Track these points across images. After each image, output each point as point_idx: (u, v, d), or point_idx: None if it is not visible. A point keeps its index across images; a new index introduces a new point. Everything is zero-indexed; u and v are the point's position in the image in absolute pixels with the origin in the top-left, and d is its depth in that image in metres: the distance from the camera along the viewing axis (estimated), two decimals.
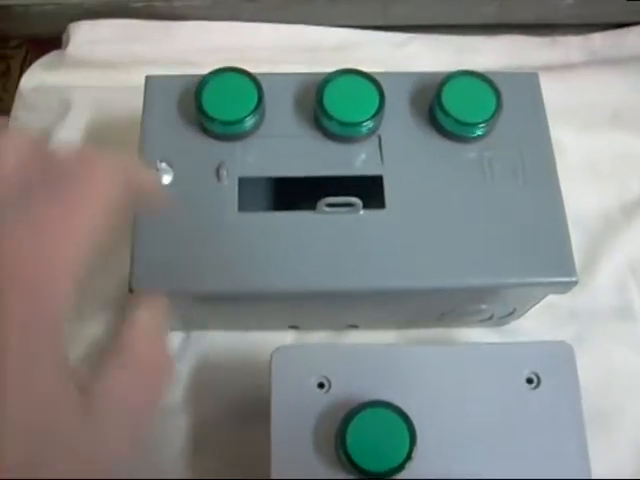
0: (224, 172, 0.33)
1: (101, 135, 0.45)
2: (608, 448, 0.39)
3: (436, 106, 0.34)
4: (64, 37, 0.49)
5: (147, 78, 0.36)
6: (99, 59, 0.47)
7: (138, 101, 0.35)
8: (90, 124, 0.46)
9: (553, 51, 0.50)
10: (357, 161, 0.34)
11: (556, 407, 0.33)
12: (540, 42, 0.50)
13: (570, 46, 0.50)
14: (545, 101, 0.37)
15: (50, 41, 0.49)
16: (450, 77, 0.34)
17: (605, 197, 0.45)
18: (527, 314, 0.40)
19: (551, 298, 0.41)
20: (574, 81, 0.48)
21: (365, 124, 0.33)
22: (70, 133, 0.45)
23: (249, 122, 0.33)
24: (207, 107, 0.33)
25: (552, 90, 0.46)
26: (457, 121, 0.33)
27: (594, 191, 0.45)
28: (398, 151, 0.34)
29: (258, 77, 0.34)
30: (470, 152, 0.34)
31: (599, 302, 0.42)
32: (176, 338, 0.40)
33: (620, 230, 0.44)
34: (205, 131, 0.34)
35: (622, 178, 0.46)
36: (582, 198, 0.45)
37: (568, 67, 0.48)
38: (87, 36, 0.48)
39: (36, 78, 0.47)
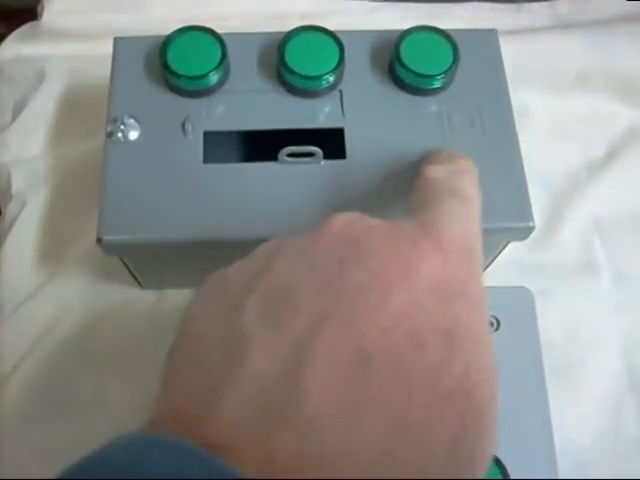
0: (189, 126, 0.34)
1: (75, 103, 0.46)
2: (573, 399, 0.40)
3: (395, 60, 0.35)
4: (39, 8, 0.50)
5: (115, 39, 0.37)
6: (73, 29, 0.48)
7: None
8: (65, 93, 0.47)
9: (519, 17, 0.51)
10: (319, 115, 0.35)
11: (516, 350, 0.34)
12: (506, 8, 0.51)
13: (535, 12, 0.51)
14: (511, 65, 0.38)
15: (25, 12, 0.50)
16: (408, 32, 0.35)
17: (570, 157, 0.46)
18: (493, 270, 0.41)
19: (516, 254, 0.42)
20: (539, 45, 0.49)
21: (326, 77, 0.34)
22: (45, 102, 0.46)
23: (213, 77, 0.34)
24: (172, 64, 0.34)
25: (517, 54, 0.48)
26: (415, 74, 0.34)
27: (559, 151, 0.46)
28: (359, 105, 0.35)
29: (222, 36, 0.35)
30: (429, 105, 0.35)
31: (564, 257, 0.43)
32: (150, 297, 0.41)
33: (584, 188, 0.45)
34: (171, 88, 0.35)
35: (586, 139, 0.47)
36: (547, 158, 0.46)
37: (533, 31, 0.50)
38: (61, 6, 0.49)
39: (12, 49, 0.48)
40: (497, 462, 0.31)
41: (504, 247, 0.37)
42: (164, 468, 0.16)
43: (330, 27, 0.36)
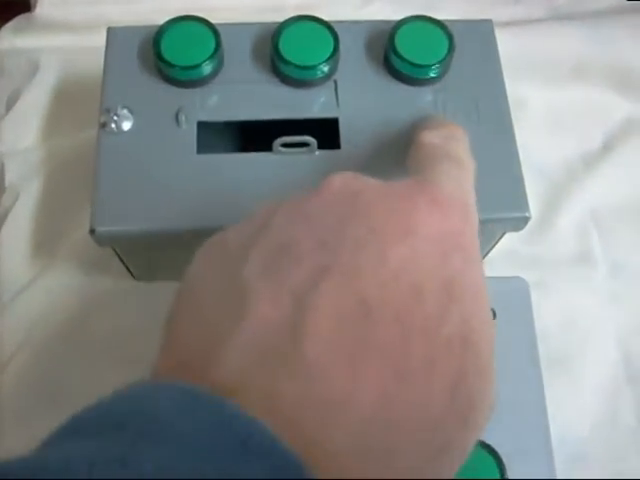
0: (183, 117, 0.34)
1: (69, 95, 0.46)
2: (570, 390, 0.40)
3: (390, 50, 0.35)
4: (32, 0, 0.49)
5: (109, 29, 0.36)
6: (67, 21, 0.48)
7: None
8: (58, 84, 0.46)
9: (516, 9, 0.51)
10: (314, 105, 0.35)
11: (511, 340, 0.34)
12: (503, 0, 0.51)
13: (532, 4, 0.51)
14: (508, 56, 0.38)
15: (19, 4, 0.49)
16: (403, 22, 0.35)
17: (567, 148, 0.46)
18: (489, 261, 0.41)
19: (513, 245, 0.42)
20: (536, 36, 0.49)
21: (320, 67, 0.34)
22: (39, 94, 0.46)
23: (207, 68, 0.34)
24: (165, 54, 0.34)
25: (514, 45, 0.48)
26: (410, 63, 0.34)
27: (556, 142, 0.46)
28: (353, 95, 0.35)
29: (216, 26, 0.35)
30: (425, 95, 0.35)
31: (560, 248, 0.43)
32: (143, 288, 0.41)
33: (581, 179, 0.45)
34: (165, 78, 0.35)
35: (583, 130, 0.47)
36: (544, 149, 0.46)
37: (530, 23, 0.49)
38: None
39: (6, 41, 0.48)
40: (493, 453, 0.31)
41: (500, 237, 0.37)
42: (172, 408, 0.17)
43: (324, 18, 0.36)
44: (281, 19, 0.36)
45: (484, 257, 0.40)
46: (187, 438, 0.16)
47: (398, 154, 0.33)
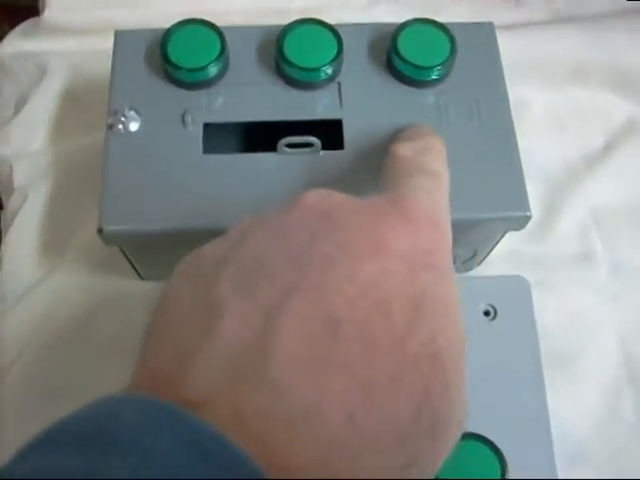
0: (189, 118, 0.34)
1: (76, 98, 0.47)
2: (571, 389, 0.40)
3: (393, 52, 0.35)
4: (40, 4, 0.50)
5: (116, 32, 0.37)
6: (74, 25, 0.49)
7: None
8: (66, 88, 0.47)
9: (517, 11, 0.51)
10: (317, 106, 0.35)
11: (512, 339, 0.34)
12: (504, 3, 0.51)
13: (533, 7, 0.52)
14: (509, 59, 0.38)
15: (27, 9, 0.50)
16: (406, 25, 0.36)
17: (568, 149, 0.47)
18: (491, 261, 0.41)
19: (514, 245, 0.43)
20: (537, 39, 0.49)
21: (324, 69, 0.34)
22: (47, 97, 0.47)
23: (213, 70, 0.34)
24: (172, 56, 0.34)
25: (516, 48, 0.48)
26: (413, 65, 0.34)
27: (557, 144, 0.47)
28: (357, 96, 0.35)
29: (222, 29, 0.35)
30: (427, 97, 0.36)
31: (562, 249, 0.44)
32: (149, 288, 0.41)
33: (582, 180, 0.46)
34: (171, 80, 0.35)
35: (584, 131, 0.47)
36: (546, 151, 0.46)
37: (531, 26, 0.50)
38: (62, 3, 0.49)
39: (14, 46, 0.49)
40: (495, 450, 0.31)
41: (501, 237, 0.38)
42: (136, 423, 0.17)
43: (328, 21, 0.37)
44: (286, 22, 0.36)
45: (486, 257, 0.41)
46: (151, 452, 0.16)
47: None
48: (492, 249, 0.40)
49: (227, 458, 0.16)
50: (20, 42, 0.49)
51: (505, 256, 0.42)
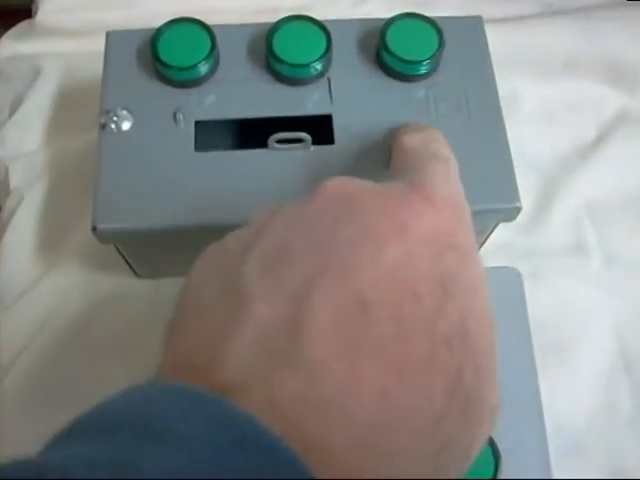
0: (181, 116, 0.35)
1: (70, 99, 0.47)
2: (566, 381, 0.40)
3: (382, 47, 0.35)
4: (33, 7, 0.51)
5: (107, 33, 0.37)
6: (67, 27, 0.49)
7: None
8: (60, 89, 0.47)
9: (508, 5, 0.51)
10: (308, 102, 0.35)
11: (504, 330, 0.34)
12: None
13: (524, 0, 0.52)
14: (501, 52, 0.39)
15: (21, 12, 0.50)
16: (394, 19, 0.36)
17: (560, 142, 0.47)
18: (484, 253, 0.41)
19: (508, 237, 0.43)
20: (528, 32, 0.49)
21: (313, 65, 0.35)
22: (41, 98, 0.47)
23: (203, 68, 0.35)
24: (162, 55, 0.35)
25: (507, 41, 0.48)
26: (402, 60, 0.35)
27: (549, 136, 0.47)
28: (347, 92, 0.36)
29: (211, 27, 0.36)
30: (416, 90, 0.36)
31: (555, 240, 0.44)
32: (146, 286, 0.42)
33: (575, 172, 0.46)
34: (162, 79, 0.35)
35: (576, 123, 0.47)
36: (538, 143, 0.46)
37: (522, 19, 0.50)
38: (55, 5, 0.50)
39: (8, 48, 0.49)
40: (489, 442, 0.31)
41: (493, 229, 0.38)
42: (170, 409, 0.17)
43: (319, 18, 0.37)
44: (276, 20, 0.36)
45: (479, 248, 0.41)
46: (186, 438, 0.16)
47: (390, 149, 0.34)
48: (484, 241, 0.40)
49: (263, 443, 0.16)
50: (14, 44, 0.49)
51: (498, 248, 0.42)
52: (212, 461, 0.16)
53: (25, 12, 0.50)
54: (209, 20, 0.37)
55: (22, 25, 0.50)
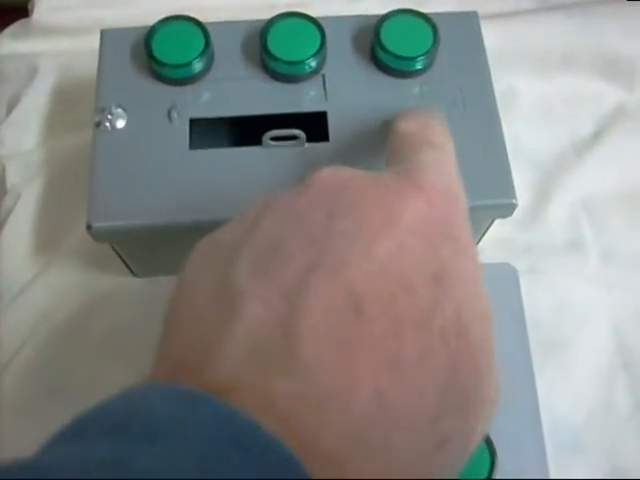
0: (175, 114, 0.35)
1: (67, 97, 0.47)
2: (564, 378, 0.40)
3: (376, 44, 0.35)
4: (29, 5, 0.50)
5: (102, 31, 0.37)
6: (63, 25, 0.49)
7: None
8: (56, 87, 0.47)
9: (503, 1, 0.51)
10: (302, 99, 0.35)
11: (500, 327, 0.34)
12: None
13: None
14: (497, 48, 0.39)
15: (17, 11, 0.50)
16: (388, 16, 0.36)
17: (557, 137, 0.47)
18: (481, 249, 0.41)
19: (505, 233, 0.43)
20: (524, 27, 0.49)
21: (308, 62, 0.35)
22: (38, 97, 0.47)
23: (197, 65, 0.35)
24: (157, 53, 0.35)
25: (503, 36, 0.48)
26: (396, 56, 0.35)
27: (547, 132, 0.47)
28: (341, 88, 0.36)
29: (206, 24, 0.36)
30: (411, 87, 0.36)
31: (552, 236, 0.44)
32: (143, 284, 0.42)
33: (572, 168, 0.46)
34: (157, 76, 0.35)
35: (573, 119, 0.47)
36: (535, 139, 0.46)
37: (518, 14, 0.50)
38: (51, 3, 0.50)
39: (4, 47, 0.49)
40: (485, 439, 0.31)
41: (490, 225, 0.38)
42: (166, 409, 0.17)
43: (315, 15, 0.37)
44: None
45: (476, 245, 0.41)
46: (182, 439, 0.16)
47: (385, 145, 0.34)
48: (481, 237, 0.40)
49: (258, 443, 0.16)
50: (11, 43, 0.49)
51: (495, 244, 0.42)
52: (209, 461, 0.16)
53: (21, 11, 0.50)
54: (203, 18, 0.37)
55: (18, 24, 0.50)
